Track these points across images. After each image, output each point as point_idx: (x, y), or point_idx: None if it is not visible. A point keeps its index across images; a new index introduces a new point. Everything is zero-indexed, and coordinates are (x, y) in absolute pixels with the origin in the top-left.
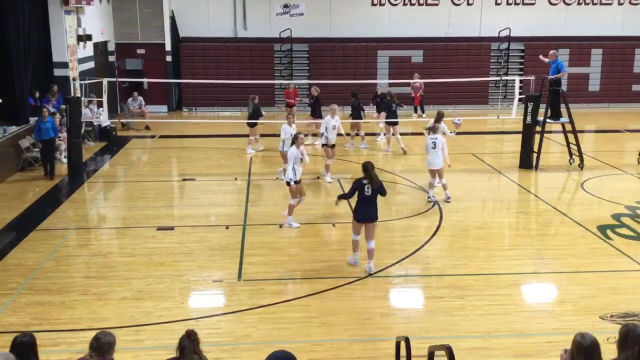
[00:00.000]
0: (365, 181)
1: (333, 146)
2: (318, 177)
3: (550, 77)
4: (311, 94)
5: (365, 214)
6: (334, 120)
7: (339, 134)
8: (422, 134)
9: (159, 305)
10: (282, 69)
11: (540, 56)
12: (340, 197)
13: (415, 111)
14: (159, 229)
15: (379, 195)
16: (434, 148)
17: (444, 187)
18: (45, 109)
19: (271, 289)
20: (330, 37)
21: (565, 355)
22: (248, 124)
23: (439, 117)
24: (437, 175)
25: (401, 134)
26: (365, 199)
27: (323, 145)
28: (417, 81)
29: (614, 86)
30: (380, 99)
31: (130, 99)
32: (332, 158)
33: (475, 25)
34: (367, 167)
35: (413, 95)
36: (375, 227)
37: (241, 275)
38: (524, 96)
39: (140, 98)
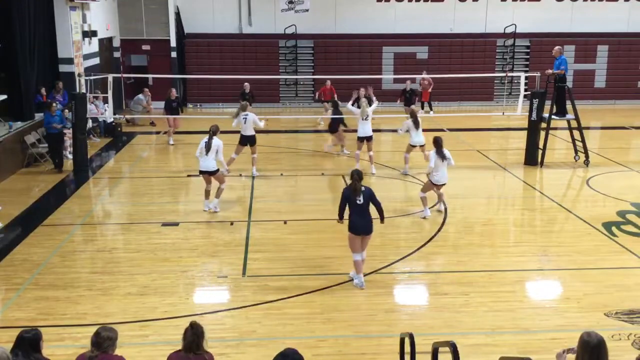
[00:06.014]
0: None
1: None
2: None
3: (552, 72)
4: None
5: (362, 223)
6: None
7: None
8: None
9: (164, 301)
10: (287, 65)
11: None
12: (340, 215)
13: (422, 107)
14: (164, 224)
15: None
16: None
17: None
18: (54, 104)
19: (276, 285)
20: (335, 34)
21: (563, 355)
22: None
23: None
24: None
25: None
26: (357, 208)
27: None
28: (426, 77)
29: (620, 83)
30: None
31: (140, 95)
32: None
33: (481, 22)
34: (352, 176)
35: (421, 91)
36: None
37: (246, 271)
38: (529, 92)
39: (149, 95)
